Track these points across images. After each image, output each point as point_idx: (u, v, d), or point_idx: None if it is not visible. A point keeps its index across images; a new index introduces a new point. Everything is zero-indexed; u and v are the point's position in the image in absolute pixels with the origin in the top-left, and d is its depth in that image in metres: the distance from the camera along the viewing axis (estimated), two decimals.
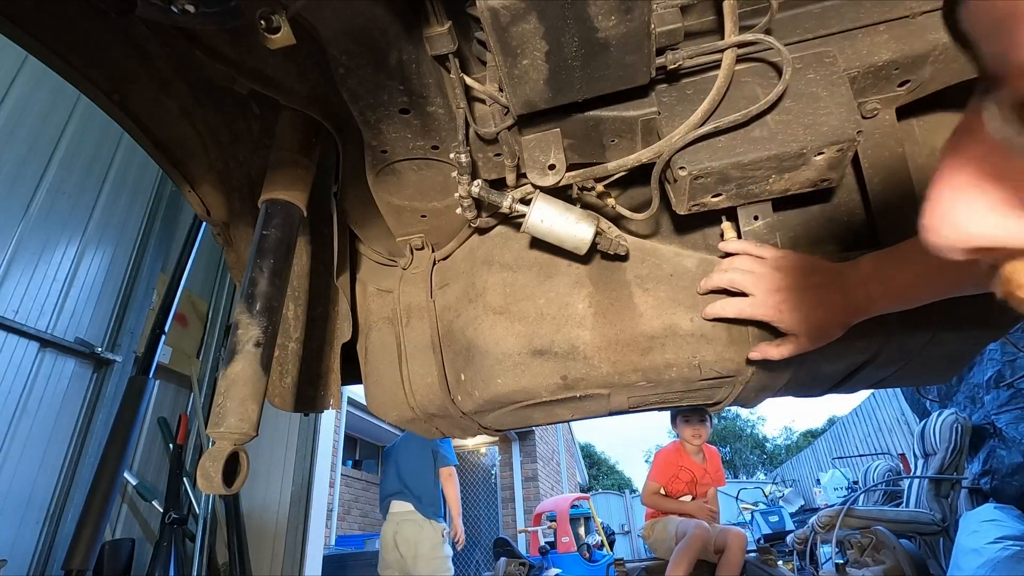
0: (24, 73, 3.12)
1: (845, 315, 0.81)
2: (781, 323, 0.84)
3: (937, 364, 1.04)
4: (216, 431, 0.73)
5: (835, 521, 3.80)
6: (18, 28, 0.76)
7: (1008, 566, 3.01)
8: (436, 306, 1.12)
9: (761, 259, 0.86)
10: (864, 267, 0.80)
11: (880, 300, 0.78)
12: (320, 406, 1.21)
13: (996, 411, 3.94)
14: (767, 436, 34.10)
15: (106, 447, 2.79)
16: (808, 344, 0.82)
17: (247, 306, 0.79)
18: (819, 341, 0.82)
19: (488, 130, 0.84)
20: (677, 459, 2.99)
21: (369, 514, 8.66)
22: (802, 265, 0.83)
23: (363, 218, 1.11)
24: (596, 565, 6.92)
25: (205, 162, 1.06)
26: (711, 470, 3.00)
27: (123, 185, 3.72)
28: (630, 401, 1.09)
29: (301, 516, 3.96)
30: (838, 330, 0.82)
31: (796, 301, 0.82)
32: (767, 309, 0.84)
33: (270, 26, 0.60)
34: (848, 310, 0.80)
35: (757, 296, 0.85)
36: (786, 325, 0.83)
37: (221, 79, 0.88)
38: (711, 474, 2.99)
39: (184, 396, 4.14)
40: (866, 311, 0.80)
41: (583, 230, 0.87)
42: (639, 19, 0.64)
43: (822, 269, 0.83)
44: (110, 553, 3.17)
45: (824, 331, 0.81)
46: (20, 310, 2.95)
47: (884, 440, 8.63)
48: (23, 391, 2.94)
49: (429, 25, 0.69)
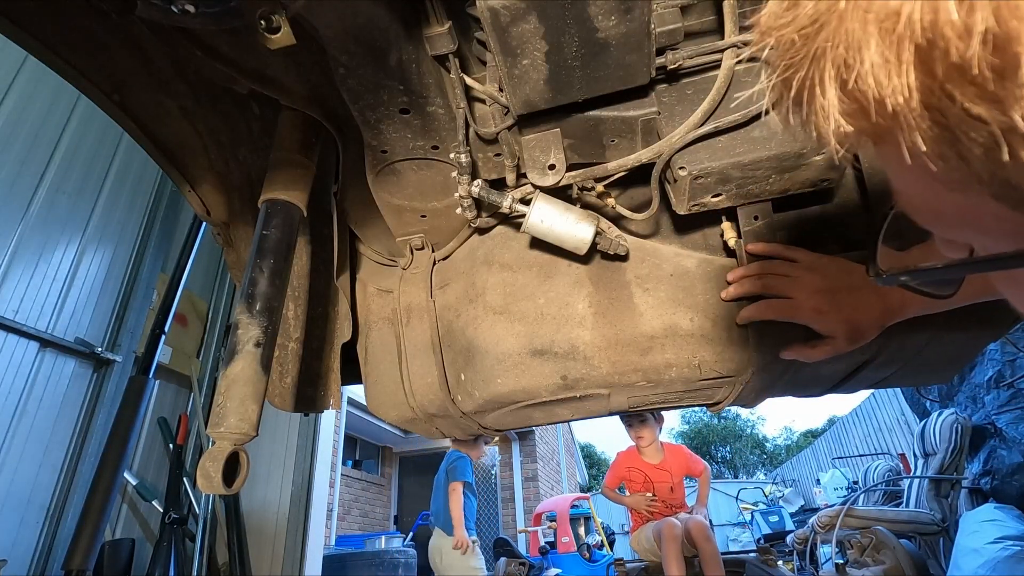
0: (24, 73, 3.11)
1: (882, 317, 0.80)
2: (820, 325, 0.82)
3: (937, 364, 1.04)
4: (216, 431, 0.73)
5: (835, 521, 3.79)
6: (18, 28, 0.76)
7: (1008, 566, 3.01)
8: (436, 306, 1.12)
9: (793, 262, 0.85)
10: None
11: (914, 303, 0.77)
12: (320, 406, 1.21)
13: (996, 411, 3.94)
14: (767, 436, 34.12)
15: (106, 447, 2.79)
16: (845, 346, 0.81)
17: (247, 306, 0.79)
18: (856, 343, 0.81)
19: (488, 130, 0.84)
20: (627, 462, 3.16)
21: (369, 514, 8.66)
22: (837, 267, 0.82)
23: (363, 218, 1.11)
24: (596, 565, 6.91)
25: (205, 162, 1.06)
26: (673, 465, 3.08)
27: (123, 185, 3.71)
28: (630, 401, 1.09)
29: (301, 516, 3.96)
30: (874, 332, 0.81)
31: (836, 303, 0.80)
32: (807, 312, 0.83)
33: (270, 26, 0.60)
34: (884, 312, 0.79)
35: (796, 299, 0.83)
36: (825, 327, 0.82)
37: (221, 79, 0.88)
38: (672, 469, 3.06)
39: (184, 396, 4.14)
40: (901, 313, 0.79)
41: (583, 230, 0.87)
42: (639, 19, 0.64)
43: (857, 271, 0.81)
44: (110, 553, 3.17)
45: (862, 333, 0.81)
46: (20, 310, 2.95)
47: (884, 440, 8.63)
48: (23, 391, 2.94)
49: (429, 25, 0.69)
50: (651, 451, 3.09)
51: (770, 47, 0.24)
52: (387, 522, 9.17)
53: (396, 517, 9.41)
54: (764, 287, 0.86)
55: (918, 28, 0.19)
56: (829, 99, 0.22)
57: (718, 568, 2.54)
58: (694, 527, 2.67)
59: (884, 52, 0.20)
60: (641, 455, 3.11)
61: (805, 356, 0.85)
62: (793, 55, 0.23)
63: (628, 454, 3.17)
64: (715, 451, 32.39)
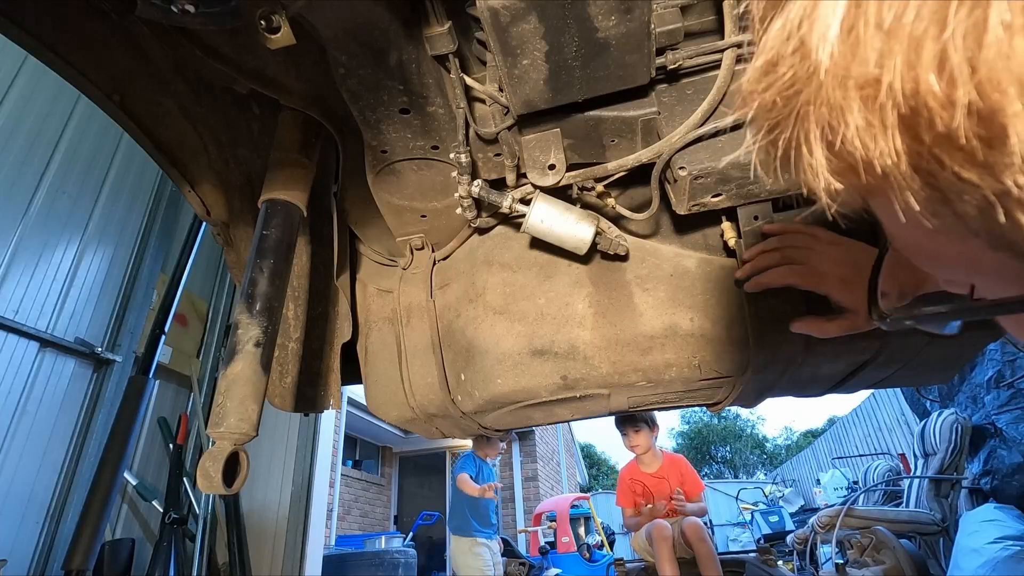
0: (24, 73, 3.12)
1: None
2: (845, 297, 0.78)
3: (937, 364, 1.04)
4: (216, 431, 0.73)
5: (835, 521, 3.79)
6: (18, 28, 0.76)
7: (1008, 566, 3.01)
8: (436, 306, 1.12)
9: (815, 237, 0.81)
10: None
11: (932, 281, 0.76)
12: (320, 406, 1.21)
13: (996, 411, 3.94)
14: (767, 436, 34.10)
15: (106, 447, 2.79)
16: (864, 324, 0.77)
17: (247, 306, 0.79)
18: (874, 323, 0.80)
19: (488, 130, 0.84)
20: (630, 475, 3.14)
21: (369, 514, 8.65)
22: (859, 246, 0.78)
23: (363, 218, 1.11)
24: (596, 565, 6.91)
25: (205, 162, 1.06)
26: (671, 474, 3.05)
27: (123, 185, 3.72)
28: (630, 401, 1.09)
29: (301, 516, 3.96)
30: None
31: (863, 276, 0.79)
32: (833, 281, 0.78)
33: (270, 26, 0.60)
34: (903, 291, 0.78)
35: (820, 269, 0.79)
36: (850, 300, 0.78)
37: (221, 79, 0.88)
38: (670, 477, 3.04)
39: (184, 396, 4.14)
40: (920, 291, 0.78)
41: (583, 230, 0.87)
42: (639, 19, 0.64)
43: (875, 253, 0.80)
44: (110, 553, 3.17)
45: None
46: (20, 310, 2.95)
47: (884, 440, 8.62)
48: (23, 391, 2.94)
49: (429, 25, 0.69)
50: (648, 459, 3.08)
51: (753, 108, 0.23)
52: (387, 522, 9.18)
53: (396, 517, 9.41)
54: (784, 258, 0.82)
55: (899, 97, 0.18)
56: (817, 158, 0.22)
57: (714, 568, 2.54)
58: (689, 528, 2.67)
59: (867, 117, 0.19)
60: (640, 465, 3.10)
61: (820, 331, 0.80)
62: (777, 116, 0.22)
63: (629, 468, 3.16)
64: (715, 451, 32.37)
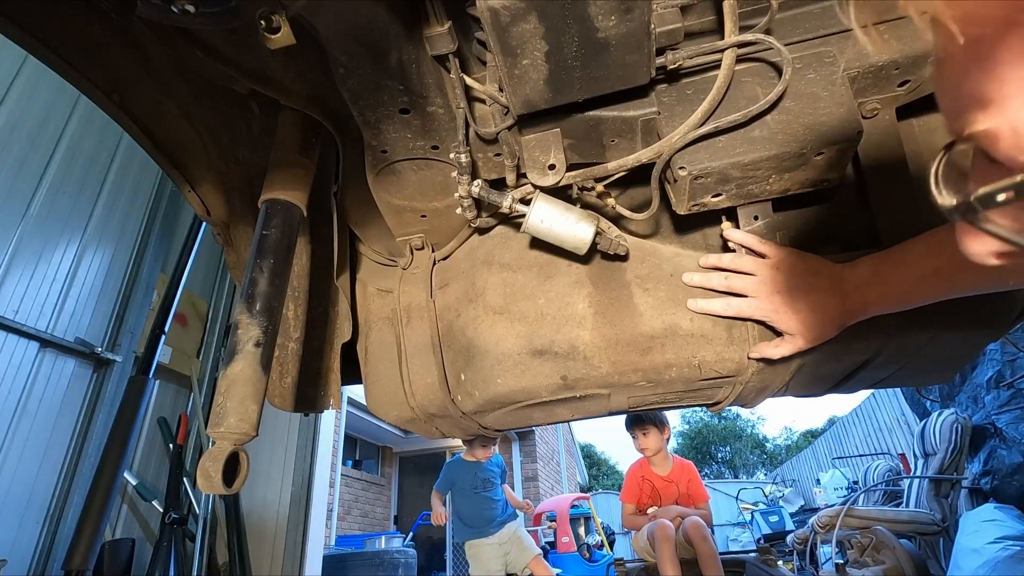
0: (24, 73, 3.11)
1: (841, 317, 0.84)
2: (779, 324, 0.87)
3: (937, 364, 1.04)
4: (216, 431, 0.73)
5: (835, 521, 3.80)
6: (18, 28, 0.76)
7: (1008, 566, 3.01)
8: (436, 306, 1.12)
9: (762, 258, 0.88)
10: (862, 271, 0.82)
11: (875, 303, 0.81)
12: (320, 406, 1.21)
13: (996, 411, 3.94)
14: (767, 436, 34.12)
15: (106, 447, 2.79)
16: (804, 344, 0.85)
17: (247, 306, 0.79)
18: (815, 341, 0.86)
19: (488, 130, 0.84)
20: (639, 472, 3.12)
21: (369, 514, 8.66)
22: (803, 267, 0.85)
23: (363, 218, 1.11)
24: (596, 565, 6.92)
25: (205, 162, 1.06)
26: (680, 478, 3.04)
27: (123, 185, 3.71)
28: (630, 401, 1.09)
29: (301, 516, 3.96)
30: (833, 331, 0.85)
31: (794, 304, 0.85)
32: (765, 312, 0.87)
33: (270, 26, 0.60)
34: (844, 313, 0.83)
35: (757, 299, 0.88)
36: (784, 326, 0.87)
37: (221, 79, 0.88)
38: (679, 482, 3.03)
39: (184, 396, 4.14)
40: (862, 313, 0.83)
41: (583, 230, 0.87)
42: (639, 19, 0.64)
43: (823, 272, 0.85)
44: (110, 553, 3.17)
45: (820, 333, 0.85)
46: (20, 310, 2.95)
47: (884, 440, 8.63)
48: (23, 391, 2.94)
49: (429, 25, 0.69)
50: (659, 460, 3.06)
51: None
52: (387, 522, 9.18)
53: (396, 517, 9.41)
54: (728, 287, 0.90)
55: None
56: None
57: (716, 568, 2.53)
58: (691, 527, 2.67)
59: None
60: (651, 465, 3.09)
61: (768, 354, 0.89)
62: None
63: (640, 464, 3.14)
64: (715, 451, 32.38)
